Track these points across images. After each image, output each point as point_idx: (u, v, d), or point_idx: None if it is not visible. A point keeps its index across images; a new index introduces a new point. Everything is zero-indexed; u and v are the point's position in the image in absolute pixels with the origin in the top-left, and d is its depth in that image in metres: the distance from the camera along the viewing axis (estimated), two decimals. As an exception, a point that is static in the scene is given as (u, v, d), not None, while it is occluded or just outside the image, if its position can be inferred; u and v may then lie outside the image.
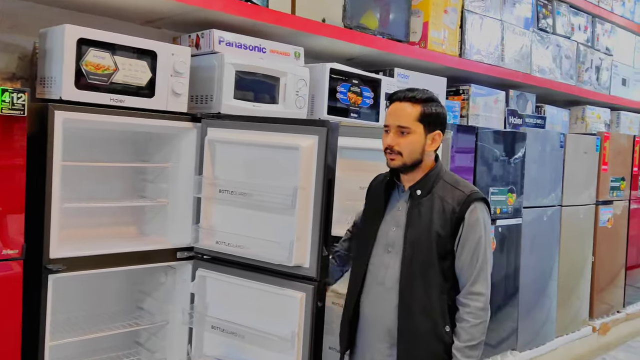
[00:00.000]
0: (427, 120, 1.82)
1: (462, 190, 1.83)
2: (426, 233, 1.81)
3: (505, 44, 3.89)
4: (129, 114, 2.05)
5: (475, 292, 1.80)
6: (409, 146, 1.82)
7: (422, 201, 1.84)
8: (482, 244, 1.80)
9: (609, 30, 5.07)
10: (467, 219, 1.80)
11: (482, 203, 1.84)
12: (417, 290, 1.81)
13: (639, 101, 5.55)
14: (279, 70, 2.49)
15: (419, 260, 1.82)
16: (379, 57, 3.27)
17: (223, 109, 2.32)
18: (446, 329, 1.81)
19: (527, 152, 3.81)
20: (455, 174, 1.94)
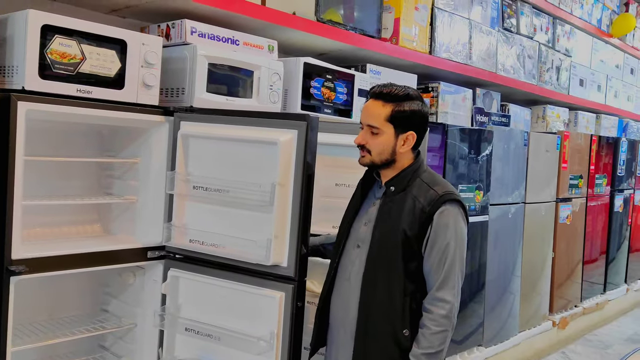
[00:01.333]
0: (398, 121, 1.76)
1: (435, 190, 1.76)
2: (393, 231, 1.75)
3: (473, 42, 3.93)
4: (97, 105, 1.93)
5: (440, 298, 1.71)
6: (378, 146, 1.78)
7: (395, 198, 1.79)
8: (450, 248, 1.71)
9: (569, 32, 5.21)
10: (435, 220, 1.72)
11: (456, 205, 1.75)
12: (378, 290, 1.75)
13: (595, 101, 5.73)
14: (252, 64, 2.42)
15: (383, 258, 1.76)
16: (351, 53, 3.23)
17: (195, 102, 2.23)
18: (405, 332, 1.73)
19: (493, 150, 3.86)
20: (437, 175, 1.88)
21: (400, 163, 1.81)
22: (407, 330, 1.73)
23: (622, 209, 5.80)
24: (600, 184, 5.36)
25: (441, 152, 3.41)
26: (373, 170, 1.88)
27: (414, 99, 1.78)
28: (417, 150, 1.85)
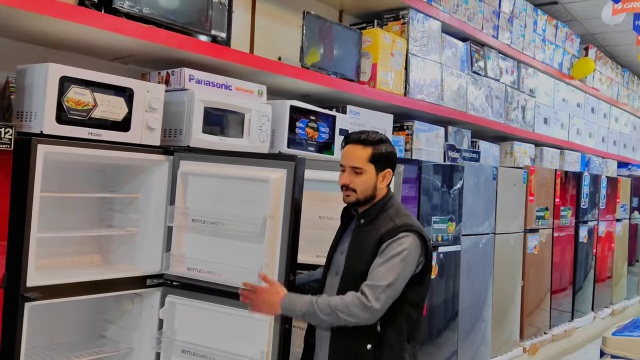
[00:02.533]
0: (377, 161, 2.00)
1: (395, 222, 1.96)
2: (360, 259, 1.95)
3: (444, 84, 4.25)
4: (108, 147, 2.14)
5: (363, 292, 1.87)
6: (362, 185, 1.99)
7: (364, 230, 2.01)
8: (390, 264, 1.87)
9: (532, 74, 5.60)
10: (387, 242, 1.91)
11: (411, 234, 1.93)
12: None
13: (559, 138, 6.12)
14: (244, 107, 2.65)
15: (351, 284, 1.94)
16: (332, 95, 3.50)
17: (192, 142, 2.44)
18: (367, 347, 1.91)
19: (464, 184, 4.14)
20: (403, 209, 2.07)
21: (377, 197, 2.04)
22: (370, 345, 1.91)
23: (587, 239, 6.11)
24: (566, 215, 5.67)
25: (416, 186, 3.67)
26: (355, 206, 2.08)
27: (385, 141, 2.04)
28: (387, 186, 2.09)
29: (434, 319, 3.84)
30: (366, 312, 1.85)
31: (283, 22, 3.65)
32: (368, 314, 1.86)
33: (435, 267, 3.87)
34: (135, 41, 2.38)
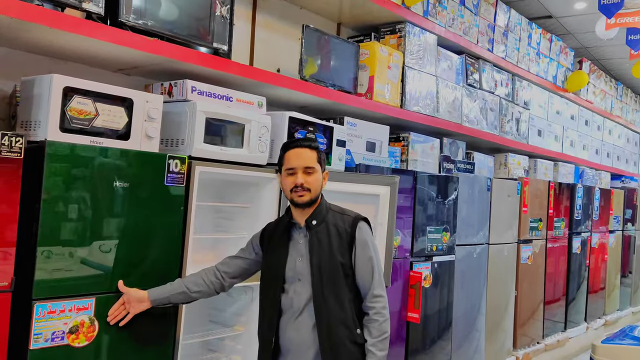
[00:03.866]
0: (321, 162, 2.24)
1: (348, 215, 2.23)
2: (328, 256, 2.14)
3: (439, 96, 4.32)
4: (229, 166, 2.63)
5: (377, 294, 2.16)
6: (315, 183, 2.18)
7: (319, 229, 2.17)
8: (373, 255, 2.18)
9: (526, 87, 5.69)
10: (357, 237, 2.17)
11: (365, 222, 2.23)
12: (331, 306, 2.11)
13: (552, 150, 6.20)
14: (244, 118, 2.71)
15: (328, 280, 2.12)
16: (330, 106, 3.56)
17: (194, 152, 2.50)
18: (358, 331, 2.14)
19: (459, 195, 4.20)
20: (337, 205, 2.30)
21: (319, 199, 2.23)
22: (359, 329, 2.15)
23: (580, 250, 6.18)
24: (559, 226, 5.75)
25: (411, 196, 3.73)
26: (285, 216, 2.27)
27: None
28: None
29: (428, 328, 3.89)
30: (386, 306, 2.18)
31: (282, 34, 3.73)
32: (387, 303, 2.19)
33: (430, 276, 3.92)
34: (139, 53, 2.43)
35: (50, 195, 1.99)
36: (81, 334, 2.07)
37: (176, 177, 2.39)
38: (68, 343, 2.04)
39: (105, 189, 2.14)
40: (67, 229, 2.04)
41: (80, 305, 2.08)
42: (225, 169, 2.61)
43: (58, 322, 2.01)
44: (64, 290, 2.04)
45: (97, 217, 2.13)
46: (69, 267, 2.05)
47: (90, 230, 2.11)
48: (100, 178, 2.13)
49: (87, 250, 2.10)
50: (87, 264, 2.10)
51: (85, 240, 2.10)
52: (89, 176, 2.09)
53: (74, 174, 2.05)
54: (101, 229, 2.14)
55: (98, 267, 2.14)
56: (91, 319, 2.10)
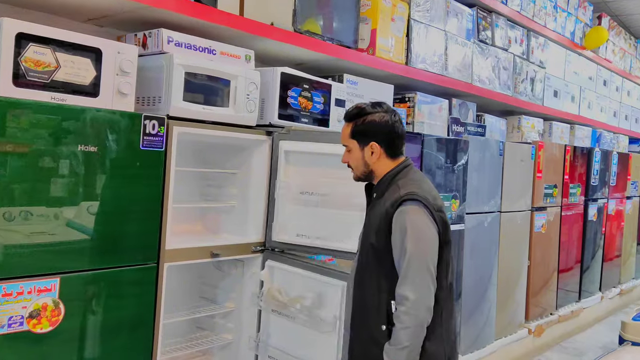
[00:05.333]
0: (358, 135, 1.92)
1: (400, 192, 1.83)
2: (368, 235, 1.88)
3: (448, 53, 4.00)
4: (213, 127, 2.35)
5: (400, 295, 1.76)
6: (354, 161, 1.95)
7: (376, 204, 1.90)
8: (407, 245, 1.75)
9: (542, 44, 5.32)
10: (394, 220, 1.80)
11: (414, 204, 1.79)
12: (357, 289, 1.88)
13: (569, 112, 5.86)
14: (229, 73, 2.44)
15: (362, 261, 1.88)
16: (327, 63, 3.27)
17: (172, 111, 2.24)
18: (382, 327, 1.80)
19: (469, 160, 3.92)
20: (415, 178, 1.91)
21: (379, 171, 1.93)
22: (384, 326, 1.79)
23: (596, 218, 5.91)
24: (575, 193, 5.46)
25: (418, 162, 3.46)
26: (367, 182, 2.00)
27: (369, 113, 1.91)
28: (399, 157, 1.95)
29: (436, 300, 3.66)
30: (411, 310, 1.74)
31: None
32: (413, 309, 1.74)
33: (438, 246, 3.67)
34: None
35: (2, 161, 1.74)
36: (44, 318, 1.86)
37: (154, 140, 2.13)
38: (29, 329, 1.83)
39: (69, 154, 1.89)
40: (24, 199, 1.80)
41: (42, 287, 1.85)
42: (208, 130, 2.34)
43: (15, 305, 1.79)
44: (21, 269, 1.81)
45: (60, 187, 1.88)
46: (27, 244, 1.82)
47: (52, 201, 1.86)
48: (63, 141, 1.87)
49: (49, 225, 1.86)
50: (49, 241, 1.86)
51: (47, 213, 1.86)
52: (49, 139, 1.84)
53: (30, 136, 1.80)
54: (65, 200, 1.90)
55: (62, 243, 1.90)
56: (55, 301, 1.88)
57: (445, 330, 1.83)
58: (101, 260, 1.99)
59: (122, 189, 2.05)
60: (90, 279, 1.98)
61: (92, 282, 1.98)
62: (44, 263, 1.85)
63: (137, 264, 2.11)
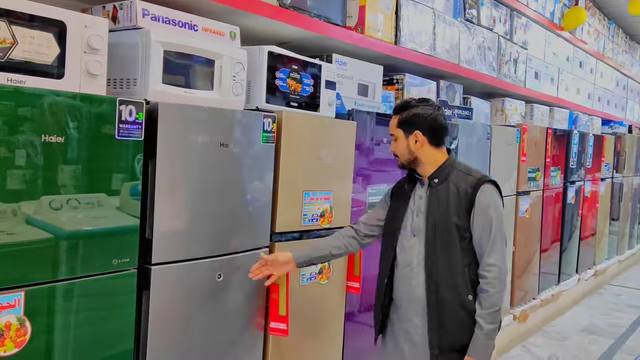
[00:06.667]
0: (403, 125, 2.14)
1: (473, 176, 2.10)
2: (445, 216, 2.07)
3: (436, 32, 3.80)
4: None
5: (490, 263, 2.03)
6: (399, 149, 2.17)
7: (439, 188, 2.11)
8: (493, 220, 2.04)
9: (525, 24, 5.19)
10: (477, 200, 2.05)
11: (491, 185, 2.09)
12: (441, 267, 2.06)
13: (548, 94, 5.77)
14: (214, 52, 2.16)
15: (440, 240, 2.07)
16: (315, 42, 3.02)
17: (150, 95, 1.95)
18: (469, 297, 2.04)
19: (458, 144, 3.75)
20: (468, 165, 2.20)
21: (427, 159, 2.14)
22: (471, 296, 2.05)
23: (574, 200, 5.88)
24: (555, 176, 5.39)
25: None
26: (411, 171, 2.22)
27: (413, 106, 2.14)
28: (442, 147, 2.17)
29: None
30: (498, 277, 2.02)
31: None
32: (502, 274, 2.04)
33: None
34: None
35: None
36: (7, 339, 1.57)
37: (131, 128, 1.85)
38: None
39: (30, 146, 1.60)
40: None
41: (4, 302, 1.56)
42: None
43: (-29, 326, 1.50)
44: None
45: (22, 185, 1.59)
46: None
47: (10, 201, 1.57)
48: (23, 131, 1.58)
49: (7, 229, 1.57)
50: (9, 248, 1.58)
51: (3, 215, 1.56)
52: (3, 127, 1.54)
53: (-18, 124, 1.50)
54: (24, 199, 1.60)
55: (26, 251, 1.61)
56: (20, 319, 1.59)
57: None
58: (71, 271, 1.71)
59: (94, 184, 1.77)
60: (62, 290, 1.70)
61: (64, 293, 1.71)
62: (5, 274, 1.57)
63: (117, 270, 1.84)
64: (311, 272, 2.59)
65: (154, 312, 1.97)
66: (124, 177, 1.86)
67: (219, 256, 2.19)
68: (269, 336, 2.41)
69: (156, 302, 1.98)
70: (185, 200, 2.06)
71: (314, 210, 2.58)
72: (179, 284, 2.07)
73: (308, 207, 2.54)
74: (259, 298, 2.37)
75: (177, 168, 2.02)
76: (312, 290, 2.61)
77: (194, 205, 2.09)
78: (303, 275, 2.55)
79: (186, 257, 2.08)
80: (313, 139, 2.57)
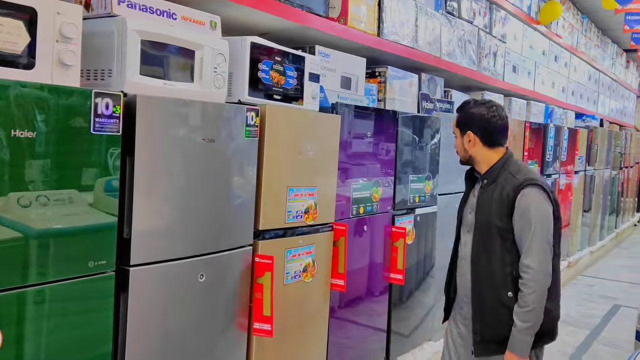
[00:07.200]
0: (460, 125, 2.30)
1: (517, 178, 2.16)
2: (488, 217, 2.17)
3: (418, 24, 3.75)
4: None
5: (525, 264, 2.10)
6: (457, 147, 2.34)
7: (488, 189, 2.22)
8: (532, 224, 2.09)
9: (504, 17, 5.18)
10: (517, 203, 2.12)
11: (533, 187, 2.13)
12: (482, 264, 2.19)
13: (526, 88, 5.79)
14: (194, 42, 2.06)
15: (483, 238, 2.19)
16: (297, 33, 2.93)
17: (127, 87, 1.85)
18: (509, 295, 2.13)
19: (441, 138, 3.72)
20: (524, 166, 2.27)
21: (481, 158, 2.26)
22: (511, 293, 2.13)
23: (551, 193, 5.92)
24: (532, 169, 5.43)
25: (393, 140, 3.21)
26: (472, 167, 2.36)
27: (472, 107, 2.27)
28: (497, 147, 2.24)
29: (408, 282, 3.47)
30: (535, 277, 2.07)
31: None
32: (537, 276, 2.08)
33: (413, 231, 3.47)
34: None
35: None
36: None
37: (107, 122, 1.74)
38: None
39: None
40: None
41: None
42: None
43: None
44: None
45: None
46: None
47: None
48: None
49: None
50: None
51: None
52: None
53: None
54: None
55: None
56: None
57: (556, 291, 2.19)
58: (44, 274, 1.60)
59: (68, 181, 1.66)
60: (33, 295, 1.59)
61: (36, 299, 1.60)
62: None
63: (93, 272, 1.74)
64: (295, 271, 2.51)
65: (132, 315, 1.88)
66: (97, 173, 1.75)
67: (201, 256, 2.10)
68: (253, 337, 2.34)
69: (135, 305, 1.88)
70: (165, 197, 1.96)
71: (298, 207, 2.51)
72: (159, 286, 1.97)
73: (292, 203, 2.47)
74: (243, 298, 2.28)
75: (156, 164, 1.92)
76: (297, 289, 2.54)
77: (174, 202, 1.99)
78: (287, 274, 2.48)
79: (167, 258, 1.98)
80: (297, 134, 2.49)
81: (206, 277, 2.11)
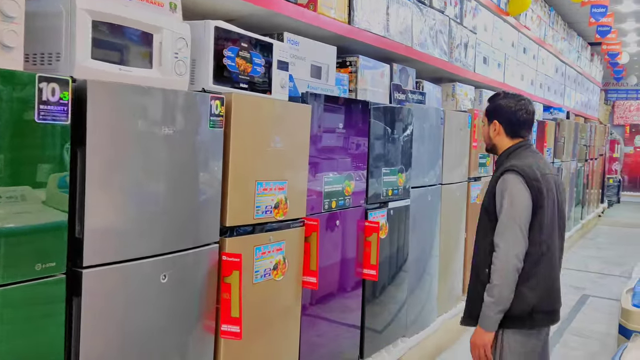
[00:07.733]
0: (488, 114, 2.45)
1: (504, 165, 2.31)
2: (484, 200, 2.36)
3: (390, 13, 3.65)
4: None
5: (495, 243, 2.22)
6: (483, 135, 2.51)
7: (494, 177, 2.36)
8: (503, 204, 2.23)
9: (474, 8, 5.13)
10: (498, 185, 2.28)
11: (511, 173, 2.25)
12: (476, 243, 2.40)
13: (496, 80, 5.77)
14: (152, 25, 1.91)
15: (480, 219, 2.39)
16: (264, 19, 2.79)
17: (77, 72, 1.68)
18: (486, 271, 2.26)
19: (414, 130, 3.64)
20: (524, 155, 2.32)
21: (499, 146, 2.41)
22: (487, 270, 2.25)
23: (520, 185, 5.94)
24: (503, 161, 5.41)
25: (366, 132, 3.10)
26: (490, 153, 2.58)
27: (501, 98, 2.41)
28: (518, 139, 2.36)
29: (381, 277, 3.38)
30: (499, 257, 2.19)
31: None
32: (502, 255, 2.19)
33: (386, 225, 3.38)
34: None
35: None
36: None
37: (54, 110, 1.58)
38: None
39: None
40: None
41: None
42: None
43: None
44: None
45: None
46: None
47: None
48: None
49: None
50: None
51: None
52: None
53: None
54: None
55: None
56: None
57: (541, 281, 2.26)
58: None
59: (18, 175, 1.50)
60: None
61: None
62: None
63: (40, 276, 1.58)
64: (265, 269, 2.39)
65: (87, 321, 1.72)
66: (50, 168, 1.60)
67: (162, 255, 1.95)
68: (220, 339, 2.21)
69: (89, 310, 1.73)
70: (121, 192, 1.81)
71: (268, 202, 2.38)
72: (117, 288, 1.82)
73: (261, 198, 2.34)
74: (209, 299, 2.15)
75: (111, 156, 1.76)
76: (267, 287, 2.42)
77: (132, 198, 1.84)
78: (257, 272, 2.35)
79: (124, 258, 1.83)
80: (265, 124, 2.36)
81: (169, 278, 1.97)
